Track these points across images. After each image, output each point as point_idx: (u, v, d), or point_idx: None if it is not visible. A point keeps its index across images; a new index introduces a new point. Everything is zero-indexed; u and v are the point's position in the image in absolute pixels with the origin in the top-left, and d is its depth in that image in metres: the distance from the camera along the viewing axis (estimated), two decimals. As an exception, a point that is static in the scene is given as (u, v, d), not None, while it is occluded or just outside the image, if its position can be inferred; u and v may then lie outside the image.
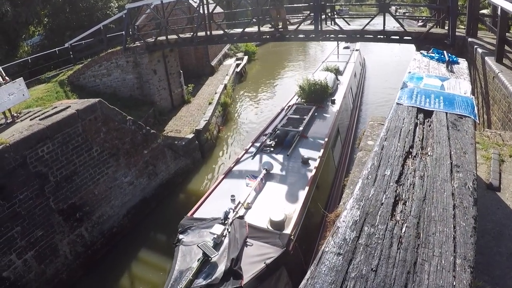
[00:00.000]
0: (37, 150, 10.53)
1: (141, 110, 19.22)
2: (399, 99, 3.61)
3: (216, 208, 8.48)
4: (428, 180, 2.30)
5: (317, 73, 18.63)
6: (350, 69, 22.04)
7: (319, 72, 19.05)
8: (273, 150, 11.34)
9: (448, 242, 1.82)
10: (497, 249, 3.80)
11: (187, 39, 18.70)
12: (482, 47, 10.68)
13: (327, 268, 1.69)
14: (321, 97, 15.41)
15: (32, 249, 10.42)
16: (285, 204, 8.82)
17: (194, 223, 8.16)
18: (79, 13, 27.44)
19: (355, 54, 26.30)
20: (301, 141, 11.97)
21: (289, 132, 12.25)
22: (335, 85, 17.61)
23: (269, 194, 9.20)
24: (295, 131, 12.24)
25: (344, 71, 21.35)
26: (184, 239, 7.73)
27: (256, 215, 8.34)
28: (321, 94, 15.45)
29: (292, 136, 11.92)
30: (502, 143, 6.22)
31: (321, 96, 15.41)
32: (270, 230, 7.78)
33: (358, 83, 24.37)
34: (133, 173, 14.09)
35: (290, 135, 12.00)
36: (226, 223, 7.64)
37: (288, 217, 8.17)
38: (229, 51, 37.06)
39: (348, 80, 19.43)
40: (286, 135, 12.04)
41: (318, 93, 15.35)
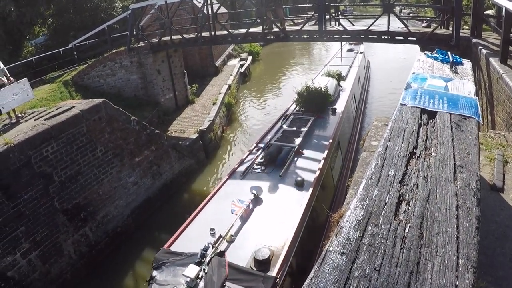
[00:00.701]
0: (41, 150, 10.57)
1: (145, 110, 19.26)
2: (403, 100, 3.62)
3: (196, 239, 7.70)
4: (432, 180, 2.31)
5: (317, 79, 17.46)
6: (354, 73, 20.75)
7: (320, 78, 17.86)
8: (265, 169, 10.29)
9: (451, 242, 1.82)
10: (501, 250, 3.80)
11: (191, 39, 18.72)
12: (486, 48, 10.66)
13: (330, 268, 1.70)
14: (321, 106, 14.18)
15: (36, 249, 10.46)
16: (274, 237, 7.79)
17: (170, 257, 7.26)
18: (83, 13, 27.50)
19: (359, 57, 24.86)
20: (297, 158, 10.90)
21: (283, 148, 11.14)
22: (336, 92, 16.40)
23: (256, 224, 8.23)
24: (289, 147, 11.18)
25: (347, 76, 20.03)
26: (158, 277, 6.94)
27: (239, 250, 7.46)
28: (321, 103, 14.23)
29: (286, 153, 10.87)
30: (506, 144, 6.21)
31: (321, 105, 14.19)
32: (253, 271, 6.86)
33: (362, 88, 23.16)
34: (138, 173, 14.12)
35: (284, 152, 10.92)
36: (203, 262, 6.80)
37: (276, 254, 7.27)
38: (233, 52, 37.07)
39: (351, 86, 18.17)
40: (279, 151, 10.92)
41: (318, 101, 14.15)
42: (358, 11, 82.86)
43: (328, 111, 14.31)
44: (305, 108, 14.25)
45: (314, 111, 13.88)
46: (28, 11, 23.85)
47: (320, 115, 13.81)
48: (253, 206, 8.66)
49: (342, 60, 23.80)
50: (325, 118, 13.77)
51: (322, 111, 14.15)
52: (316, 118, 13.44)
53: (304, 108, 14.27)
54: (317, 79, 17.29)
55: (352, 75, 20.26)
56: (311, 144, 11.80)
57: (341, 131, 13.58)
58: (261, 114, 24.81)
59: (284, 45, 44.05)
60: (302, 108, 14.37)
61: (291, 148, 11.09)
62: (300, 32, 16.12)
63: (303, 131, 12.25)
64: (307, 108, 14.17)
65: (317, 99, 14.10)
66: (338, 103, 15.56)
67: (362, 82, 23.51)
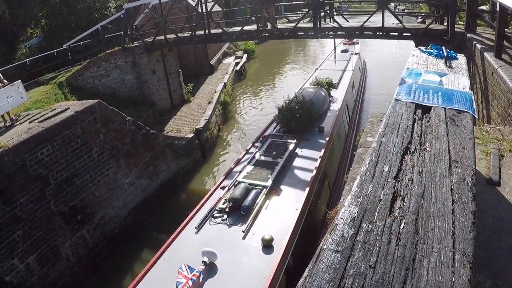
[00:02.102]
0: (36, 153, 10.52)
1: (140, 110, 19.24)
2: (398, 95, 3.60)
3: None
4: (427, 175, 2.29)
5: (303, 90, 15.09)
6: (347, 79, 18.43)
7: (306, 89, 15.27)
8: (227, 218, 8.07)
9: (447, 237, 1.80)
10: (498, 243, 3.79)
11: (185, 38, 18.71)
12: (481, 42, 10.67)
13: (325, 266, 1.68)
14: (306, 125, 12.15)
15: (34, 252, 10.41)
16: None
17: None
18: (77, 14, 27.41)
19: (354, 59, 22.36)
20: (268, 202, 8.57)
21: (252, 188, 8.80)
22: (325, 105, 14.28)
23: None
24: (260, 186, 8.93)
25: (340, 83, 17.74)
26: None
27: None
28: (306, 121, 12.15)
29: (256, 195, 8.51)
30: (502, 138, 6.21)
31: (306, 123, 12.13)
32: None
33: (357, 96, 20.71)
34: (134, 174, 14.08)
35: (253, 194, 8.51)
36: None
37: None
38: (228, 50, 37.03)
39: (343, 96, 15.95)
40: (247, 192, 8.58)
41: (303, 119, 11.99)
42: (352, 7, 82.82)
43: (314, 130, 12.40)
44: (286, 127, 12.14)
45: (297, 132, 11.90)
46: (21, 13, 23.74)
47: (304, 137, 11.84)
48: (204, 278, 6.62)
49: (335, 63, 21.58)
50: (310, 141, 11.73)
51: (307, 131, 12.20)
52: (299, 142, 11.49)
53: (285, 128, 12.15)
54: (303, 90, 15.01)
55: (345, 82, 18.08)
56: (289, 181, 9.60)
57: (329, 158, 11.59)
58: (257, 112, 24.77)
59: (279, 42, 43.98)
60: (283, 128, 12.27)
61: (262, 189, 8.89)
62: (295, 29, 16.10)
63: (281, 161, 10.15)
64: (288, 128, 12.06)
65: (301, 117, 11.96)
66: (327, 119, 13.46)
67: (357, 89, 21.41)
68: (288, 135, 11.79)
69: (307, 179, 9.51)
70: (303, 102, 12.46)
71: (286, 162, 10.18)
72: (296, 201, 8.65)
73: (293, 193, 8.98)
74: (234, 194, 8.39)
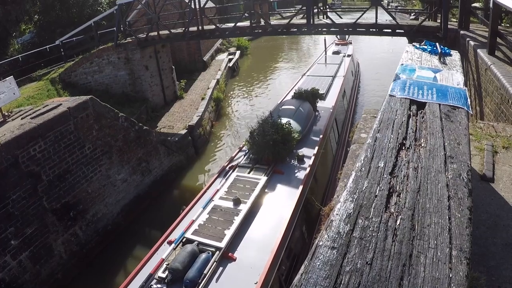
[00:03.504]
0: (29, 149, 10.46)
1: (133, 107, 19.15)
2: (392, 91, 3.59)
3: None
4: (422, 171, 2.28)
5: (283, 103, 13.39)
6: (337, 87, 16.35)
7: (286, 103, 13.19)
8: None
9: (443, 233, 1.79)
10: (492, 239, 3.80)
11: (178, 34, 18.64)
12: (474, 39, 10.70)
13: (321, 263, 1.67)
14: (281, 153, 9.86)
15: (26, 249, 10.36)
16: None
17: None
18: (69, 9, 27.21)
19: (346, 62, 20.40)
20: (221, 271, 6.66)
21: (202, 250, 6.89)
22: (309, 124, 12.10)
23: None
24: (212, 248, 6.90)
25: (329, 92, 15.73)
26: None
27: None
28: (283, 148, 9.86)
29: (205, 262, 6.59)
30: (495, 135, 6.23)
31: (282, 150, 9.85)
32: None
33: (349, 107, 18.24)
34: (127, 170, 14.03)
35: (202, 261, 6.60)
36: None
37: None
38: (221, 46, 36.95)
39: (331, 109, 13.83)
40: (193, 258, 6.69)
41: (278, 145, 9.75)
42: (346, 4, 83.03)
43: (293, 158, 10.23)
44: (258, 155, 9.98)
45: (271, 162, 9.78)
46: (13, 9, 23.54)
47: (278, 169, 9.68)
48: None
49: (325, 67, 19.77)
50: (286, 175, 9.54)
51: (283, 160, 10.03)
52: (271, 176, 9.39)
53: (257, 156, 10.01)
54: (282, 105, 13.15)
55: (335, 90, 15.96)
56: (253, 237, 7.39)
57: (308, 198, 9.17)
58: (250, 108, 24.76)
59: (273, 39, 44.02)
60: (253, 156, 10.16)
61: (215, 251, 6.87)
62: (288, 25, 16.07)
63: (243, 210, 7.79)
64: (260, 157, 9.93)
65: (275, 145, 9.73)
66: (310, 142, 11.30)
67: (349, 98, 18.96)
68: (259, 166, 9.69)
69: (276, 233, 7.37)
70: (279, 124, 10.26)
71: (251, 208, 8.01)
72: (258, 268, 6.63)
73: (256, 258, 6.90)
74: (176, 261, 6.53)
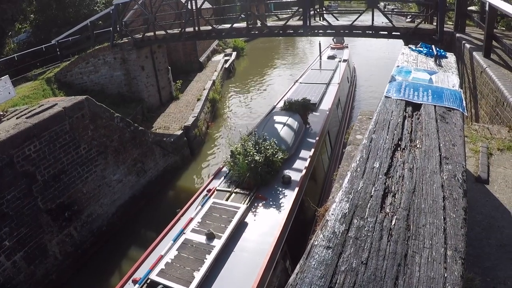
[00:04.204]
0: (24, 149, 10.41)
1: (129, 107, 19.13)
2: (388, 92, 3.60)
3: None
4: (418, 172, 2.29)
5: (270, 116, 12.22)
6: (331, 96, 15.16)
7: (274, 116, 12.10)
8: None
9: (438, 233, 1.80)
10: (487, 240, 3.82)
11: (175, 35, 18.63)
12: (470, 42, 10.75)
13: (316, 262, 1.67)
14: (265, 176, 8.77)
15: (21, 250, 10.30)
16: None
17: None
18: (65, 9, 27.17)
19: (341, 67, 19.54)
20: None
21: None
22: (298, 140, 10.93)
23: None
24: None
25: (322, 101, 14.56)
26: None
27: None
28: (266, 170, 8.79)
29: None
30: (490, 137, 6.26)
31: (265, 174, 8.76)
32: None
33: (343, 117, 16.92)
34: (122, 171, 14.00)
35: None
36: None
37: None
38: (217, 47, 36.98)
39: (324, 121, 12.63)
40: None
41: (261, 168, 8.70)
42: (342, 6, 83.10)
43: (278, 181, 9.05)
44: (239, 178, 8.89)
45: (253, 186, 8.71)
46: (9, 8, 23.47)
47: (261, 194, 8.53)
48: None
49: (320, 73, 18.54)
50: (270, 201, 8.40)
51: (268, 183, 8.85)
52: (252, 203, 8.28)
53: (238, 179, 8.92)
54: (269, 119, 11.98)
55: (328, 100, 14.80)
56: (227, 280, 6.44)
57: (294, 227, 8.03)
58: (246, 110, 24.78)
59: (269, 40, 44.06)
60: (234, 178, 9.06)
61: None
62: (285, 27, 16.09)
63: (217, 246, 6.83)
64: (242, 180, 8.80)
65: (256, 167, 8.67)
66: (298, 161, 10.17)
67: (344, 107, 17.69)
68: (239, 191, 8.61)
69: (254, 274, 6.33)
70: (263, 144, 9.21)
71: (227, 244, 6.99)
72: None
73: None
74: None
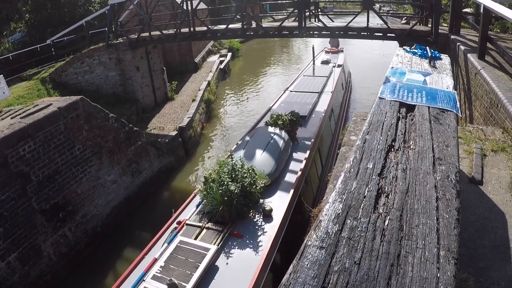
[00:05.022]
0: (18, 149, 10.36)
1: (124, 108, 19.09)
2: (382, 94, 3.61)
3: None
4: (411, 173, 2.30)
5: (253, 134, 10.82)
6: (324, 106, 13.96)
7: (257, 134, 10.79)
8: None
9: (431, 234, 1.81)
10: (481, 241, 3.84)
11: (170, 35, 18.62)
12: (464, 44, 10.79)
13: (309, 262, 1.67)
14: (241, 209, 7.48)
15: (15, 250, 10.25)
16: None
17: None
18: (61, 9, 27.09)
19: (336, 73, 18.44)
20: None
21: None
22: (283, 162, 9.60)
23: None
24: None
25: (313, 113, 13.33)
26: None
27: None
28: (243, 202, 7.50)
29: None
30: (484, 138, 6.29)
31: (241, 207, 7.48)
32: None
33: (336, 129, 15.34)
34: (116, 171, 13.96)
35: None
36: None
37: None
38: (212, 48, 36.95)
39: (314, 135, 11.42)
40: None
41: (238, 198, 7.40)
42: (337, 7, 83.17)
43: (258, 213, 7.84)
44: (212, 210, 7.52)
45: (229, 219, 7.47)
46: (4, 7, 23.34)
47: (236, 231, 7.34)
48: None
49: (312, 80, 17.33)
50: (245, 240, 7.19)
51: (244, 216, 7.59)
52: (226, 241, 7.14)
53: (211, 210, 7.54)
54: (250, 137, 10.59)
55: (320, 110, 13.58)
56: None
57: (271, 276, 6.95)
58: (241, 111, 24.79)
59: (264, 41, 44.09)
60: (208, 209, 7.67)
61: None
62: (280, 28, 16.10)
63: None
64: (215, 212, 7.43)
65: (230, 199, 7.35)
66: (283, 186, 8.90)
67: (337, 118, 16.26)
68: (212, 226, 7.39)
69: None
70: (240, 172, 7.84)
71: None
72: None
73: None
74: None
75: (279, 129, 10.62)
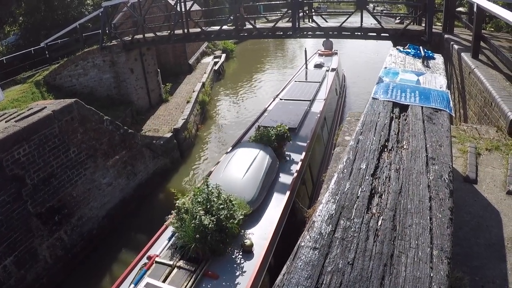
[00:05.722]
0: (13, 153, 10.32)
1: (118, 110, 19.03)
2: (375, 94, 3.62)
3: None
4: (404, 173, 2.30)
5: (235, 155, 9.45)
6: (315, 115, 13.04)
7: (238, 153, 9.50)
8: None
9: (424, 233, 1.81)
10: (475, 240, 3.85)
11: (164, 37, 18.62)
12: (458, 43, 10.83)
13: (303, 263, 1.68)
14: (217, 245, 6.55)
15: (11, 254, 10.20)
16: None
17: None
18: (54, 11, 27.05)
19: (329, 78, 17.58)
20: None
21: None
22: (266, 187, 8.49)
23: None
24: None
25: (303, 124, 12.29)
26: None
27: None
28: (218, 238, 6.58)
29: None
30: (479, 137, 6.31)
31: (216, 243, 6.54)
32: None
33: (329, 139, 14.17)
34: (112, 174, 13.93)
35: None
36: None
37: None
38: (207, 49, 36.90)
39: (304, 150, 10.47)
40: None
41: (213, 233, 6.51)
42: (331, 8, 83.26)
43: (237, 248, 6.91)
44: (185, 245, 6.63)
45: (203, 256, 6.55)
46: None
47: (211, 271, 6.38)
48: None
49: (304, 86, 16.34)
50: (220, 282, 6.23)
51: (220, 253, 6.65)
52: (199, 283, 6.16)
53: (184, 245, 6.63)
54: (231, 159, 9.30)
55: (312, 121, 12.54)
56: None
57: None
58: (236, 112, 24.80)
59: (258, 42, 44.05)
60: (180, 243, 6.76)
61: None
62: (274, 29, 16.11)
63: None
64: (188, 247, 6.51)
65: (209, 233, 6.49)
66: (266, 215, 7.94)
67: (330, 127, 15.14)
68: (184, 265, 6.47)
69: None
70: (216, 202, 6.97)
71: None
72: None
73: None
74: None
75: (265, 145, 9.65)
